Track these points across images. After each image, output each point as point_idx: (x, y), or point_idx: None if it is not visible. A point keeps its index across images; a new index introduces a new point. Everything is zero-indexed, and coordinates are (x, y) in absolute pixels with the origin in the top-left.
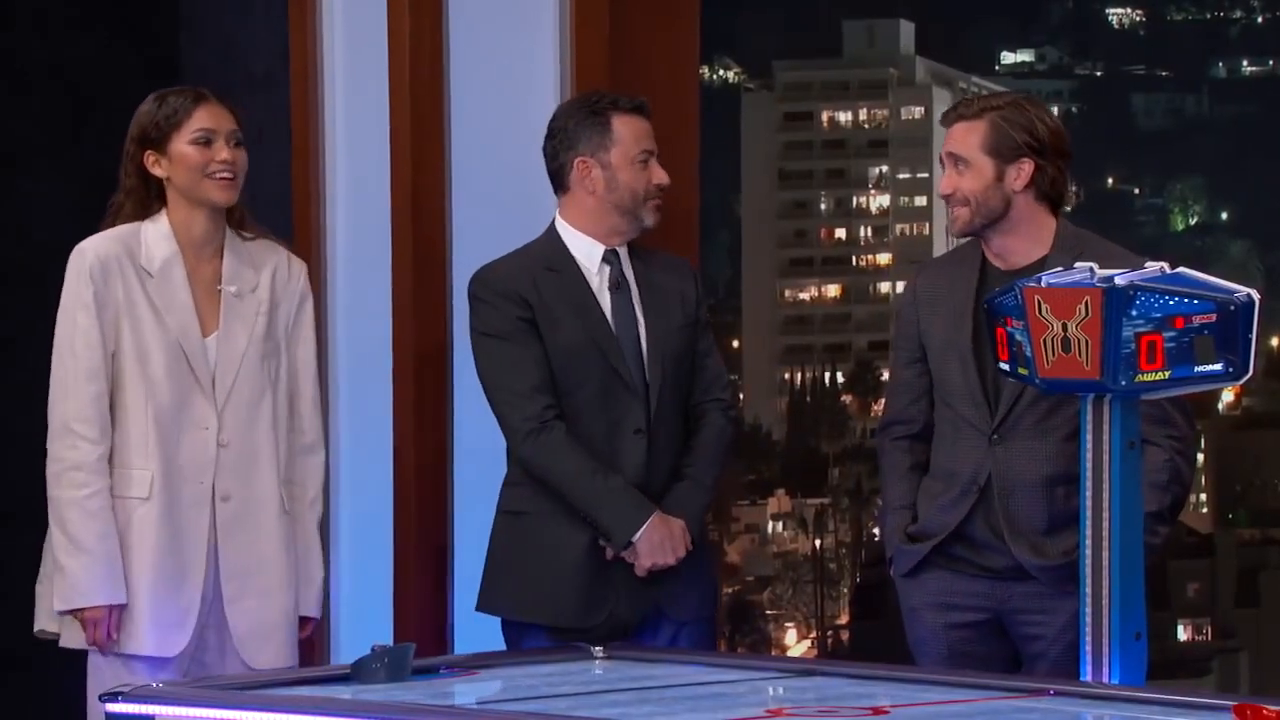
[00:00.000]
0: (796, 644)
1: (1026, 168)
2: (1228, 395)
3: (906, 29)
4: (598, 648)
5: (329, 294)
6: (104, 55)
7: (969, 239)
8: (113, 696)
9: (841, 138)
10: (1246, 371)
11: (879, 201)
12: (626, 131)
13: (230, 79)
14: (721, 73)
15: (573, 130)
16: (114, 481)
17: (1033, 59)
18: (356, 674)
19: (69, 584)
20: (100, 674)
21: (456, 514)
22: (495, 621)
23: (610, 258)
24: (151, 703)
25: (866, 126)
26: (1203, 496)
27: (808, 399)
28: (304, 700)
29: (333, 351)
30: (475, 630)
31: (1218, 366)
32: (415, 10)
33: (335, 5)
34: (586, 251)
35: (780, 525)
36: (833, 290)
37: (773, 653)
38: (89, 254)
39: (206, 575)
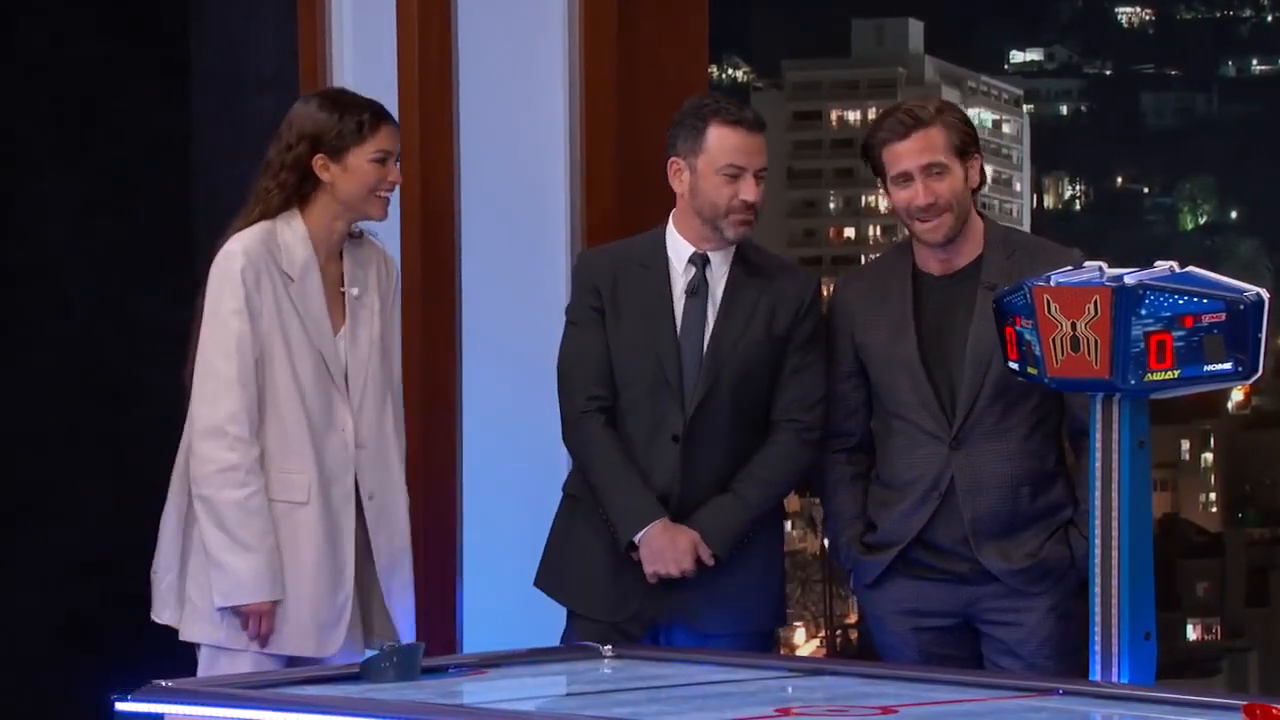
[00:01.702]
0: (805, 643)
1: (977, 164)
2: (1237, 394)
3: (915, 28)
4: (607, 647)
5: None
6: (112, 56)
7: (892, 247)
8: (123, 695)
9: (850, 137)
10: (1256, 370)
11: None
12: (718, 142)
13: (239, 79)
14: (730, 72)
15: (677, 127)
16: (272, 485)
17: (1041, 58)
18: (366, 673)
19: (232, 581)
20: (214, 671)
21: (465, 513)
22: (503, 621)
23: (697, 260)
24: (162, 701)
25: None
26: (1212, 496)
27: None
28: (313, 699)
29: None
30: (484, 630)
31: (1227, 365)
32: (424, 9)
33: (344, 5)
34: (678, 251)
35: (789, 525)
36: None
37: (782, 652)
38: (240, 257)
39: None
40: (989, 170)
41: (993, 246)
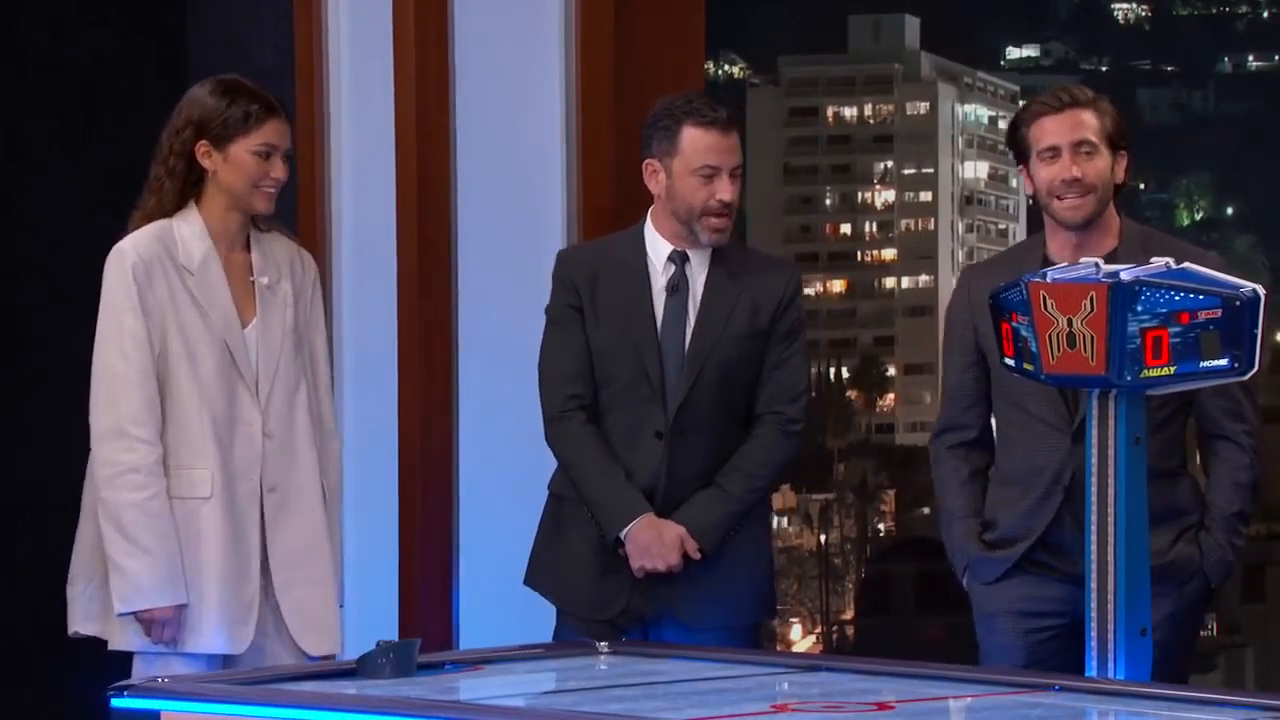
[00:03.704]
0: (802, 639)
1: (1124, 160)
2: None
3: (912, 24)
4: (603, 643)
5: (335, 287)
6: (114, 52)
7: (1027, 237)
8: (119, 691)
9: (847, 133)
10: (1252, 367)
11: (884, 197)
12: (690, 143)
13: (238, 74)
14: (727, 68)
15: (651, 129)
16: (173, 483)
17: (1038, 54)
18: (362, 669)
19: (131, 585)
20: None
21: (462, 509)
22: (501, 618)
23: (676, 258)
24: (158, 697)
25: (872, 122)
26: None
27: (813, 394)
28: (309, 695)
29: (338, 345)
30: (481, 626)
31: (1223, 362)
32: (421, 7)
33: (341, 3)
34: (657, 249)
35: (785, 521)
36: (838, 286)
37: (778, 648)
38: (130, 255)
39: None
40: (984, 166)
41: (1129, 242)
